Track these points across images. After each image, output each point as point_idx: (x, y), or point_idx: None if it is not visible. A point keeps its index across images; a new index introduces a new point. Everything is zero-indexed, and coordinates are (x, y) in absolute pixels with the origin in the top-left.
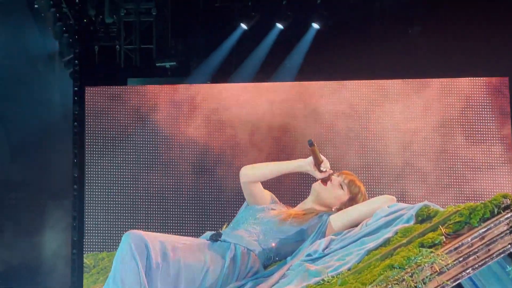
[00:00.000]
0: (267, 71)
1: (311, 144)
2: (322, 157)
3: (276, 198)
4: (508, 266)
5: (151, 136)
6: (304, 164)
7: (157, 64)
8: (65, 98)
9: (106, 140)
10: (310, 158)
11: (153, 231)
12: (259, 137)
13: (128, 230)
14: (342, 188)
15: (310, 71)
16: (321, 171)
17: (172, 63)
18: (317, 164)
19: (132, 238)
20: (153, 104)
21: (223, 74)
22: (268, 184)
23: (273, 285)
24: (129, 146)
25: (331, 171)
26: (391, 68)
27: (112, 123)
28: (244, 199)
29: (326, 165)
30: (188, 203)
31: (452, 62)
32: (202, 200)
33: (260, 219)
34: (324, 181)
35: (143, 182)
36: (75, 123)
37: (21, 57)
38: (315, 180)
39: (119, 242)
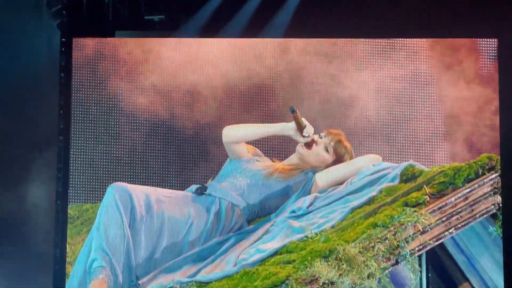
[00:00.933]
0: (256, 27)
1: (293, 111)
2: (305, 122)
3: (260, 152)
4: (490, 227)
5: (138, 89)
6: (287, 128)
7: (145, 17)
8: (52, 49)
9: (93, 92)
10: (293, 123)
11: (138, 184)
12: (244, 93)
13: (113, 182)
14: (327, 150)
15: (299, 27)
16: (303, 136)
17: (160, 17)
18: (300, 129)
19: (116, 190)
20: (140, 57)
21: (211, 29)
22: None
23: (256, 241)
24: (116, 98)
25: (314, 136)
26: (383, 26)
27: (99, 75)
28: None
29: (309, 130)
30: (174, 156)
31: (439, 22)
32: (188, 153)
33: (246, 170)
34: (309, 145)
35: (129, 135)
36: (62, 74)
37: (7, 7)
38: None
39: (104, 194)
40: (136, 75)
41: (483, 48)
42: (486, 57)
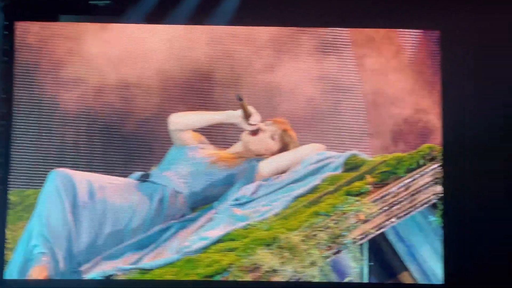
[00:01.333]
0: (203, 13)
1: (239, 99)
2: (252, 110)
3: (206, 140)
4: (430, 216)
5: (82, 74)
6: (233, 116)
7: (90, 2)
8: None
9: (36, 76)
10: (239, 111)
11: (80, 170)
12: (182, 83)
13: (55, 168)
14: (273, 139)
15: (246, 15)
16: (250, 124)
17: (106, 1)
18: (246, 117)
19: (59, 176)
20: (84, 41)
21: (158, 16)
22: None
23: (199, 228)
24: (59, 83)
25: (260, 125)
26: (326, 16)
27: (42, 59)
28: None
29: (255, 118)
30: (117, 143)
31: (382, 13)
32: (132, 140)
33: (190, 158)
34: (254, 132)
35: (72, 120)
36: (5, 58)
37: None
38: None
39: (46, 180)
40: (80, 59)
41: (426, 40)
42: (428, 48)
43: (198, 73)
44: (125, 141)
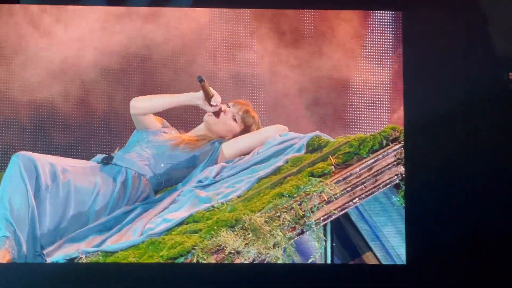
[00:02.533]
0: None
1: (201, 80)
2: (213, 91)
3: (167, 123)
4: (393, 197)
5: (43, 57)
6: (194, 98)
7: None
8: None
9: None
10: (201, 93)
11: (42, 153)
12: (151, 64)
13: (17, 151)
14: (235, 120)
15: None
16: (211, 105)
17: None
18: (208, 98)
19: (21, 159)
20: (44, 24)
21: None
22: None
23: (163, 210)
24: (19, 66)
25: (222, 105)
26: None
27: (5, 42)
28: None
29: (216, 99)
30: (79, 125)
31: None
32: (94, 123)
33: (153, 142)
34: (216, 114)
35: (33, 102)
36: None
37: None
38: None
39: (8, 163)
40: (41, 43)
41: (388, 21)
42: (391, 29)
43: (158, 56)
44: (87, 124)
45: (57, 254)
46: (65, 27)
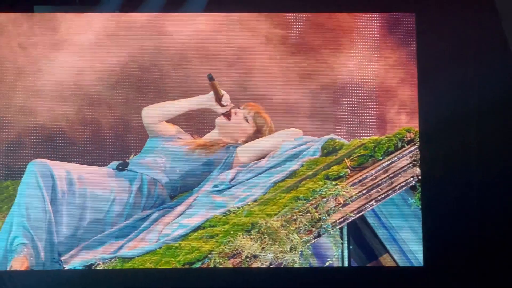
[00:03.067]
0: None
1: (210, 78)
2: (223, 91)
3: (181, 129)
4: (410, 199)
5: (57, 63)
6: (205, 99)
7: None
8: None
9: (13, 65)
10: (211, 93)
11: (58, 160)
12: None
13: (33, 158)
14: (247, 121)
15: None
16: (222, 106)
17: None
18: (218, 98)
19: (37, 166)
20: (59, 32)
21: (133, 3)
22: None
23: (179, 216)
24: (34, 72)
25: (232, 105)
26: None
27: (19, 49)
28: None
29: (226, 98)
30: (94, 132)
31: None
32: (109, 129)
33: (168, 148)
34: (227, 115)
35: (48, 110)
36: None
37: None
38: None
39: (24, 171)
40: (56, 50)
41: (402, 22)
42: (404, 31)
43: (171, 63)
44: (102, 131)
45: (75, 261)
46: (77, 35)
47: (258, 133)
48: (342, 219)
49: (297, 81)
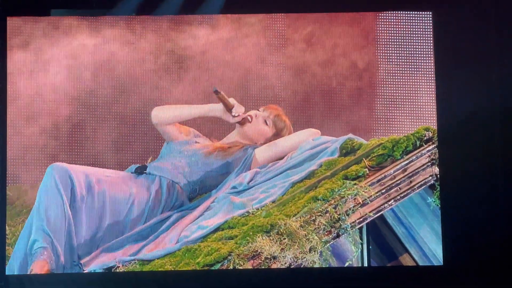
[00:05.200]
0: (193, 3)
1: (216, 92)
2: (233, 102)
3: (198, 133)
4: (429, 198)
5: (74, 67)
6: (214, 110)
7: None
8: None
9: (28, 70)
10: (220, 104)
11: (77, 164)
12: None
13: (52, 162)
14: (266, 124)
15: (237, 2)
16: (233, 116)
17: None
18: (228, 109)
19: (56, 170)
20: (75, 35)
21: (148, 7)
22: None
23: (198, 217)
24: (51, 77)
25: (245, 115)
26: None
27: (35, 54)
28: None
29: (238, 110)
30: (112, 135)
31: None
32: (127, 133)
33: (185, 152)
34: (242, 123)
35: (67, 114)
36: None
37: None
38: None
39: (43, 175)
40: (73, 53)
41: (418, 21)
42: (421, 30)
43: (185, 66)
44: (121, 135)
45: (95, 264)
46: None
47: (277, 136)
48: (361, 219)
49: (312, 81)
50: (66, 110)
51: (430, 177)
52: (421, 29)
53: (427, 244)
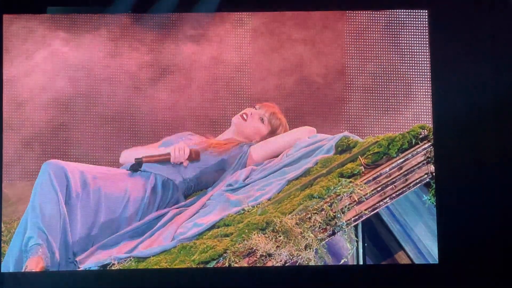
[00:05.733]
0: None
1: (139, 163)
2: (166, 151)
3: (192, 133)
4: (424, 196)
5: (70, 65)
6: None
7: None
8: None
9: (25, 68)
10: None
11: (72, 161)
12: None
13: (47, 159)
14: (262, 122)
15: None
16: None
17: None
18: (167, 160)
19: (51, 167)
20: (72, 33)
21: (145, 3)
22: (189, 117)
23: (193, 215)
24: (47, 74)
25: (249, 109)
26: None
27: (31, 51)
28: (163, 133)
29: (175, 156)
30: (108, 132)
31: None
32: (123, 129)
33: None
34: (242, 116)
35: (62, 112)
36: None
37: None
38: (235, 113)
39: (39, 172)
40: (69, 51)
41: (414, 19)
42: (417, 28)
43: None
44: (116, 131)
45: (90, 261)
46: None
47: (273, 134)
48: (356, 217)
49: (310, 78)
50: (62, 106)
51: (426, 175)
52: (417, 28)
53: (422, 242)
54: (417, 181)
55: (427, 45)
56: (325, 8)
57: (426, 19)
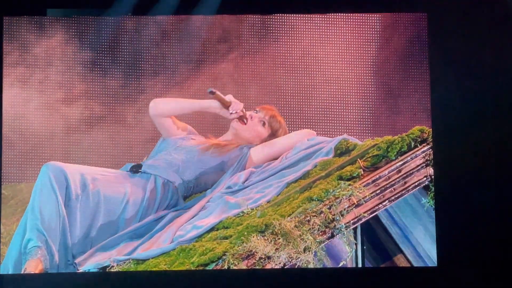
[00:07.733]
0: (189, 3)
1: (212, 92)
2: (231, 99)
3: (194, 130)
4: (423, 198)
5: (70, 68)
6: (212, 106)
7: None
8: None
9: (25, 71)
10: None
11: (72, 163)
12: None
13: (47, 161)
14: (262, 125)
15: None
16: (231, 114)
17: None
18: (225, 107)
19: (51, 169)
20: (72, 36)
21: (144, 7)
22: (189, 117)
23: (192, 217)
24: (48, 76)
25: (242, 113)
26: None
27: (31, 54)
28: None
29: (235, 107)
30: (107, 134)
31: None
32: (122, 131)
33: (182, 147)
34: (241, 120)
35: (62, 113)
36: None
37: None
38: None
39: (38, 173)
40: (68, 54)
41: (413, 22)
42: (416, 31)
43: (187, 63)
44: (116, 133)
45: (89, 263)
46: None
47: (272, 137)
48: (355, 220)
49: (310, 81)
50: (61, 109)
51: (425, 178)
52: (417, 31)
53: (421, 244)
54: (416, 184)
55: (426, 48)
56: (324, 11)
57: (426, 22)
